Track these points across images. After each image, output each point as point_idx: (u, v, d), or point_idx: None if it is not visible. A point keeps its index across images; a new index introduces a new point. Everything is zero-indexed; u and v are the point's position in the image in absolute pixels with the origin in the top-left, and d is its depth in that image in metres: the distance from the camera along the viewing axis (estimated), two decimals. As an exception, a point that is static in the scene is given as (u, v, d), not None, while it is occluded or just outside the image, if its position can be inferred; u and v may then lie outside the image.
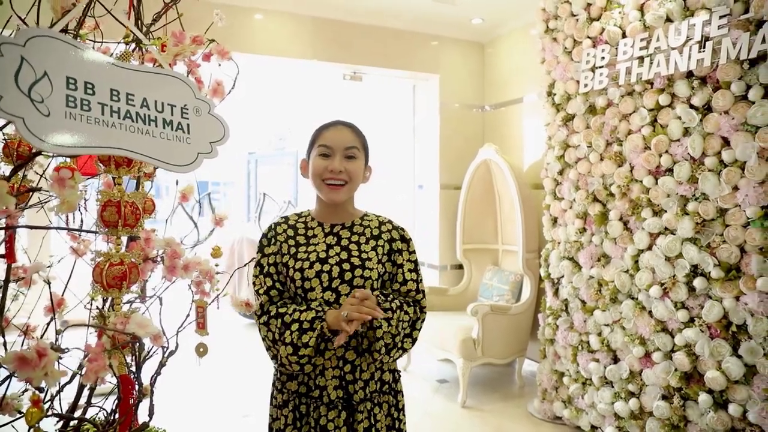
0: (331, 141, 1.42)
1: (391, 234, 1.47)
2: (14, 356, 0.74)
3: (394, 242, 1.46)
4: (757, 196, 2.13)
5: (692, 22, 2.34)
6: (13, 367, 0.74)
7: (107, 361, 0.84)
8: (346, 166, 1.41)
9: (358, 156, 1.44)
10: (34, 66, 0.91)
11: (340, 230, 1.45)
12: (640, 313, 2.62)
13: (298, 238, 1.43)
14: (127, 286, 1.08)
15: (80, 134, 0.96)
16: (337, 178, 1.40)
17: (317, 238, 1.43)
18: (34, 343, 0.80)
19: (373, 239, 1.45)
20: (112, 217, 1.07)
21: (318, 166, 1.41)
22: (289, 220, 1.49)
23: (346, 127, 1.46)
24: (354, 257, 1.39)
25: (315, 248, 1.40)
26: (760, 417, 2.13)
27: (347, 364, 1.39)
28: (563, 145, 3.08)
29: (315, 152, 1.44)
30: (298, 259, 1.39)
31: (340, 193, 1.41)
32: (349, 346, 1.38)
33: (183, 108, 1.15)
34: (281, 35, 4.07)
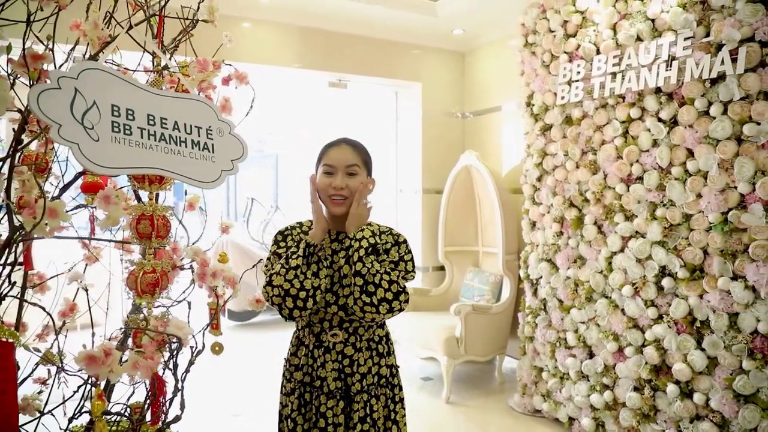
0: (334, 160, 1.56)
1: (388, 238, 1.61)
2: (85, 355, 0.85)
3: (386, 245, 1.60)
4: (718, 203, 2.33)
5: (660, 42, 2.54)
6: (83, 364, 0.85)
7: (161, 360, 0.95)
8: (347, 183, 1.54)
9: (359, 172, 1.57)
10: (85, 96, 1.01)
11: (344, 237, 1.61)
12: (613, 311, 2.81)
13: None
14: (159, 291, 1.19)
15: (124, 156, 1.06)
16: (338, 194, 1.54)
17: (324, 242, 1.58)
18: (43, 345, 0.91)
19: (371, 245, 1.57)
20: (146, 229, 1.18)
21: (323, 183, 1.55)
22: (303, 225, 1.65)
23: (348, 146, 1.59)
24: (356, 261, 1.52)
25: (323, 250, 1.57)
26: (721, 404, 2.33)
27: (345, 358, 1.54)
28: (541, 153, 3.26)
29: (320, 170, 1.58)
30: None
31: (343, 206, 1.55)
32: (347, 343, 1.55)
33: (208, 129, 1.26)
34: (268, 44, 4.16)
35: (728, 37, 2.24)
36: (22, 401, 1.46)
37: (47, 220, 0.94)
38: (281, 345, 4.96)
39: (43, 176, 1.47)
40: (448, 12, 3.97)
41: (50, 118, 0.94)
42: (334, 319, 1.54)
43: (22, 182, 1.13)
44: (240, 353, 4.69)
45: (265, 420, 3.37)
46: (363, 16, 4.10)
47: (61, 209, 0.96)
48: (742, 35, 2.22)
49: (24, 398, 1.50)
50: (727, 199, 2.31)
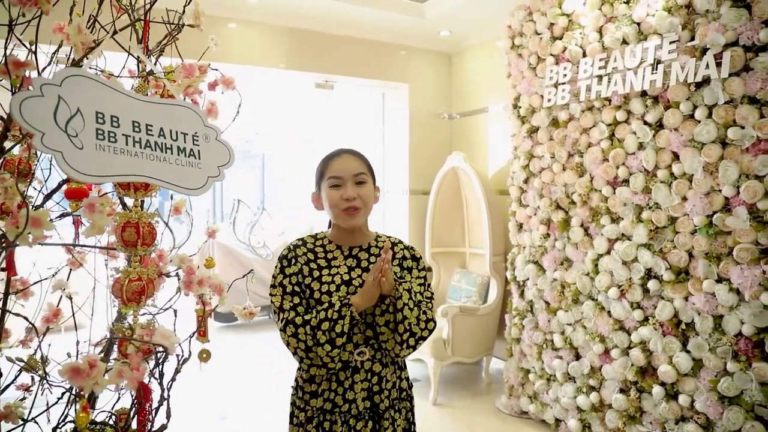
0: (340, 171, 1.48)
1: (403, 253, 1.56)
2: (69, 368, 0.83)
3: (405, 260, 1.54)
4: (703, 206, 2.35)
5: (645, 45, 2.56)
6: (67, 377, 0.83)
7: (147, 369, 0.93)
8: (358, 192, 1.47)
9: (367, 180, 1.51)
10: (69, 103, 0.99)
11: (358, 252, 1.53)
12: (599, 313, 2.83)
13: (319, 261, 1.49)
14: (145, 299, 1.17)
15: (109, 164, 1.04)
16: (351, 206, 1.46)
17: (338, 261, 1.50)
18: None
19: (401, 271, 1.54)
20: (132, 237, 1.15)
21: (333, 197, 1.47)
22: (307, 243, 1.54)
23: (351, 155, 1.53)
24: None
25: (338, 271, 1.48)
26: (706, 405, 2.36)
27: (374, 375, 1.47)
28: (528, 155, 3.28)
29: (326, 184, 1.50)
30: (323, 282, 1.45)
31: (358, 217, 1.48)
32: (375, 359, 1.47)
33: (194, 135, 1.24)
34: (255, 45, 4.13)
35: (713, 41, 2.27)
36: (5, 408, 1.43)
37: (30, 230, 0.92)
38: (268, 346, 4.94)
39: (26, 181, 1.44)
40: (436, 13, 3.97)
41: (33, 126, 0.92)
42: (359, 338, 1.46)
43: (5, 189, 1.10)
44: (226, 355, 4.65)
45: (251, 422, 3.35)
46: (350, 17, 4.09)
47: (45, 219, 0.94)
48: (727, 39, 2.25)
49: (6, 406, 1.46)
50: (712, 202, 2.33)
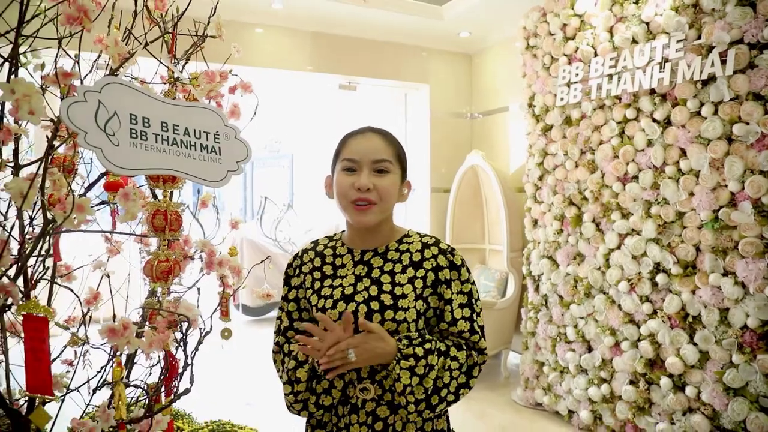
0: (357, 152, 1.17)
1: (437, 260, 1.18)
2: (107, 328, 1.00)
3: (441, 271, 1.17)
4: (709, 201, 2.40)
5: (654, 45, 2.62)
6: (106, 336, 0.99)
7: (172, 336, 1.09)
8: (375, 183, 1.15)
9: (392, 170, 1.18)
10: (107, 107, 1.16)
11: (371, 258, 1.21)
12: (610, 306, 2.90)
13: (325, 269, 1.23)
14: (172, 278, 1.33)
15: (141, 159, 1.21)
16: (364, 198, 1.14)
17: (345, 268, 1.21)
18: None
19: (412, 267, 1.18)
20: (161, 223, 1.32)
21: (342, 183, 1.17)
22: (318, 245, 1.29)
23: (375, 135, 1.21)
24: (385, 293, 1.15)
25: (341, 282, 1.18)
26: (712, 396, 2.41)
27: (378, 421, 1.14)
28: (542, 153, 3.36)
29: (339, 167, 1.19)
30: (322, 296, 1.18)
31: (369, 214, 1.15)
32: (382, 401, 1.14)
33: (215, 134, 1.40)
34: (280, 48, 4.32)
35: (718, 39, 2.32)
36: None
37: (75, 214, 1.09)
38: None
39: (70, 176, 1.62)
40: (454, 15, 4.08)
41: (78, 127, 1.09)
42: (363, 369, 1.14)
43: (53, 182, 1.28)
44: (254, 347, 4.86)
45: (275, 410, 3.52)
46: (371, 20, 4.23)
47: (87, 204, 1.11)
48: (732, 37, 2.30)
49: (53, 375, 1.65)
50: (718, 197, 2.38)
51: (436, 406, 1.12)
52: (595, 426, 3.04)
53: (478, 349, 1.19)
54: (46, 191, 1.20)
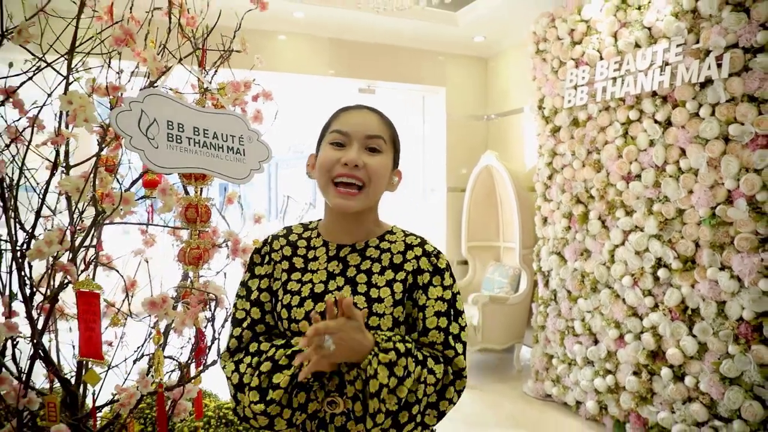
0: (349, 125, 1.05)
1: (419, 262, 1.06)
2: (148, 301, 1.19)
3: (421, 275, 1.04)
4: (707, 198, 2.51)
5: (655, 49, 2.73)
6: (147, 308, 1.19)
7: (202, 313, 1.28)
8: (366, 160, 1.02)
9: (384, 150, 1.06)
10: (148, 115, 1.36)
11: (348, 254, 1.07)
12: (615, 300, 3.01)
13: (295, 261, 1.09)
14: (202, 263, 1.53)
15: (176, 159, 1.41)
16: (351, 174, 1.01)
17: (317, 262, 1.07)
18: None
19: (392, 269, 1.05)
20: (193, 215, 1.52)
21: (328, 157, 1.03)
22: (292, 233, 1.14)
23: (371, 111, 1.09)
24: (359, 295, 1.02)
25: (311, 277, 1.05)
26: (709, 386, 2.51)
27: None
28: (551, 153, 3.49)
29: (326, 140, 1.07)
30: (288, 291, 1.05)
31: (354, 199, 1.02)
32: (352, 414, 0.98)
33: (240, 138, 1.59)
34: (302, 54, 4.53)
35: (714, 43, 2.43)
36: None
37: (122, 206, 1.29)
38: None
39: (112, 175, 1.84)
40: (468, 21, 4.23)
41: (124, 132, 1.29)
42: (332, 380, 0.99)
43: (100, 179, 1.49)
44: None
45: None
46: (389, 27, 4.40)
47: (132, 198, 1.31)
48: (727, 42, 2.40)
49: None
50: (716, 195, 2.49)
51: (403, 426, 0.94)
52: (600, 416, 3.16)
53: (456, 368, 1.00)
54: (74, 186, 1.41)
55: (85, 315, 1.33)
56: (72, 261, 1.54)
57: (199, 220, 1.50)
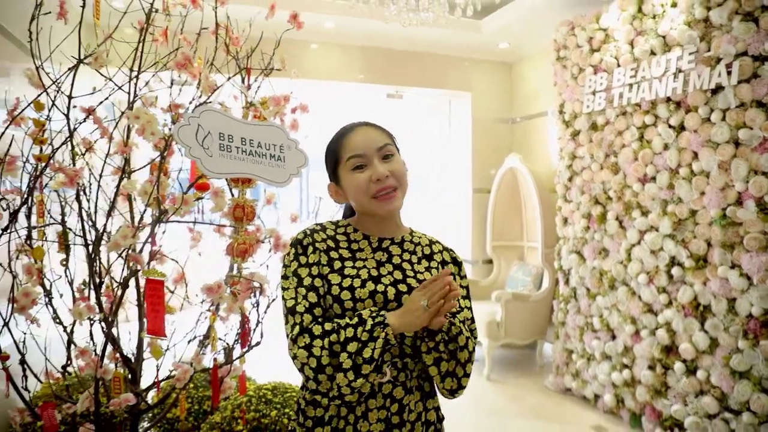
0: (360, 146, 1.19)
1: (443, 255, 1.28)
2: (206, 287, 1.42)
3: (446, 265, 1.27)
4: (718, 200, 2.63)
5: (669, 56, 2.85)
6: (204, 292, 1.42)
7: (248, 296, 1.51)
8: (389, 169, 1.18)
9: (394, 152, 1.22)
10: (203, 128, 1.59)
11: (389, 246, 1.24)
12: (631, 297, 3.14)
13: (341, 252, 1.21)
14: (247, 257, 1.76)
15: (227, 166, 1.63)
16: (385, 186, 1.17)
17: (364, 252, 1.21)
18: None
19: (425, 259, 1.25)
20: (239, 214, 1.74)
21: (358, 182, 1.18)
22: (327, 229, 1.26)
23: (365, 127, 1.24)
24: (410, 278, 1.19)
25: (364, 264, 1.19)
26: (720, 379, 2.62)
27: (395, 403, 1.14)
28: (571, 156, 3.62)
29: (345, 168, 1.20)
30: (346, 275, 1.16)
31: (396, 200, 1.19)
32: (397, 382, 1.14)
33: (280, 146, 1.81)
34: (333, 62, 4.76)
35: (725, 52, 2.55)
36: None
37: (182, 207, 1.52)
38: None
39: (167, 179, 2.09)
40: (492, 29, 4.39)
41: (185, 143, 1.53)
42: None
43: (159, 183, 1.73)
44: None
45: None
46: (416, 35, 4.59)
47: (191, 199, 1.54)
48: (737, 50, 2.52)
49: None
50: (726, 197, 2.60)
51: (469, 374, 1.18)
52: (617, 409, 3.28)
53: (475, 336, 1.23)
54: (143, 189, 1.65)
55: (151, 298, 1.57)
56: (139, 253, 1.79)
57: (245, 218, 1.73)
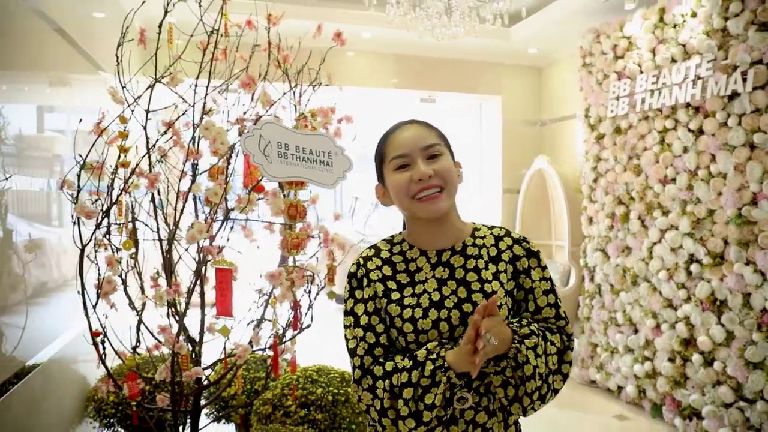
0: (404, 145, 1.12)
1: (513, 250, 1.15)
2: (269, 274, 1.70)
3: (518, 261, 1.14)
4: (734, 200, 2.77)
5: (688, 64, 3.01)
6: (267, 279, 1.69)
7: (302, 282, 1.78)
8: (434, 168, 1.10)
9: (443, 152, 1.13)
10: (264, 138, 1.87)
11: (450, 257, 1.14)
12: (652, 293, 3.30)
13: (399, 277, 1.14)
14: (299, 250, 2.03)
15: (284, 170, 1.91)
16: (428, 186, 1.09)
17: (423, 272, 1.13)
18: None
19: (492, 262, 1.13)
20: (293, 212, 2.02)
21: (399, 182, 1.11)
22: (381, 251, 1.19)
23: (413, 124, 1.17)
24: (476, 293, 1.09)
25: (424, 287, 1.11)
26: (735, 370, 2.77)
27: (477, 428, 1.08)
28: (596, 158, 3.79)
29: (389, 168, 1.14)
30: (406, 306, 1.10)
31: (441, 201, 1.10)
32: (479, 407, 1.07)
33: (328, 153, 2.08)
34: (369, 69, 5.04)
35: (741, 60, 2.70)
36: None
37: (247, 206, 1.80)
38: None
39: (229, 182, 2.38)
40: (521, 36, 4.58)
41: (250, 152, 1.81)
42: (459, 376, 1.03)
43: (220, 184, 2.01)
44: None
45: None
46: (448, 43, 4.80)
47: (254, 198, 1.82)
48: (752, 58, 2.66)
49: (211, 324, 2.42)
50: (742, 197, 2.75)
51: (545, 396, 1.07)
52: (639, 399, 3.44)
53: (568, 334, 1.13)
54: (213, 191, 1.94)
55: (221, 284, 1.86)
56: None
57: (298, 216, 2.00)
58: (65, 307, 2.80)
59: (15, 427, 2.22)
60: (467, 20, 3.04)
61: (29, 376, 2.37)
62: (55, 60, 2.85)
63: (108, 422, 2.69)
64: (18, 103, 2.55)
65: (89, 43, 3.17)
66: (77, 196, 1.92)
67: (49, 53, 2.75)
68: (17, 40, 2.36)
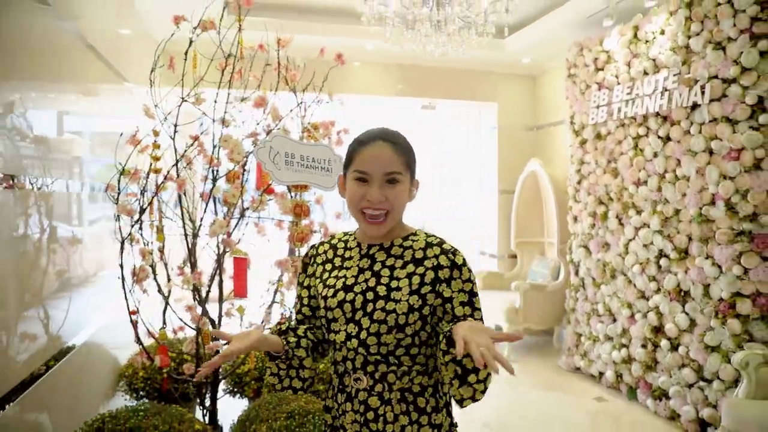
0: (368, 165, 1.19)
1: (438, 260, 1.20)
2: (277, 261, 2.05)
3: (441, 270, 1.19)
4: (696, 200, 3.08)
5: (657, 77, 3.32)
6: (277, 265, 2.05)
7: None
8: (386, 194, 1.18)
9: (401, 179, 1.20)
10: (273, 148, 2.23)
11: (376, 252, 1.26)
12: (628, 285, 3.61)
13: (335, 261, 1.30)
14: (304, 242, 2.38)
15: (291, 176, 2.27)
16: (375, 208, 1.19)
17: (352, 261, 1.27)
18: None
19: (413, 264, 1.22)
20: (299, 211, 2.38)
21: (354, 193, 1.20)
22: (333, 240, 1.36)
23: (386, 144, 1.20)
24: (381, 285, 1.20)
25: (346, 273, 1.25)
26: (696, 353, 3.07)
27: (369, 410, 1.19)
28: (580, 161, 4.11)
29: (351, 174, 1.22)
30: (327, 285, 1.26)
31: (383, 226, 1.20)
32: (372, 392, 1.19)
33: (328, 160, 2.44)
34: (372, 78, 5.39)
35: (700, 75, 3.01)
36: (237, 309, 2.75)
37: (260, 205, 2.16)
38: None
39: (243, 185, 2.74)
40: (515, 48, 4.90)
41: (262, 161, 2.17)
42: (357, 359, 1.19)
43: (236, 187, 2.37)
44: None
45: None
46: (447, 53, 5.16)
47: (265, 199, 2.18)
48: (710, 74, 2.97)
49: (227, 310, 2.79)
50: (702, 198, 3.06)
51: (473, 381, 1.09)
52: (617, 383, 3.75)
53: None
54: (231, 193, 2.30)
55: (238, 270, 2.22)
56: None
57: (302, 214, 2.36)
58: (94, 296, 3.17)
59: (63, 397, 2.60)
60: (456, 38, 3.37)
61: (70, 354, 2.74)
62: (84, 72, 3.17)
63: (138, 396, 3.06)
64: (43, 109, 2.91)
65: (116, 57, 3.53)
66: (118, 197, 2.30)
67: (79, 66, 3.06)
68: (55, 56, 2.71)
